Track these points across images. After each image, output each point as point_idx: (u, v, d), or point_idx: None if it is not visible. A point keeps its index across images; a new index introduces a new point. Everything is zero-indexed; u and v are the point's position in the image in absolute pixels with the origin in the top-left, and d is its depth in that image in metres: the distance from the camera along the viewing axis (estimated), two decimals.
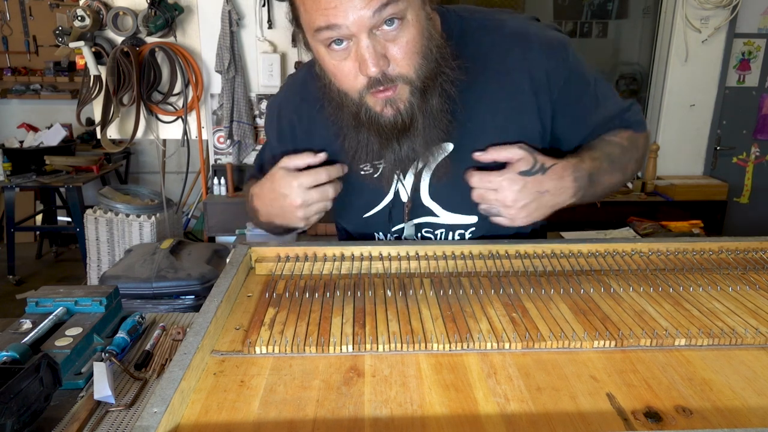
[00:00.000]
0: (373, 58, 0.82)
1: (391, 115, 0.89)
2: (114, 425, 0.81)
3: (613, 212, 3.16)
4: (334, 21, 0.80)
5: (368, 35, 0.81)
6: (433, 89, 0.90)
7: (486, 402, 0.65)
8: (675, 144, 3.41)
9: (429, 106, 0.91)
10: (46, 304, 1.04)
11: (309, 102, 1.06)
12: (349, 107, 0.91)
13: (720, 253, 1.04)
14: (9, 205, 3.72)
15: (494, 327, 0.80)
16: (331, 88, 0.92)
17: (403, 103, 0.89)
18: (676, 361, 0.73)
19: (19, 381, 0.74)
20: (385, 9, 0.80)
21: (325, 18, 0.80)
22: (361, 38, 0.81)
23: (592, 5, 3.57)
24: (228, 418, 0.62)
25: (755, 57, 3.31)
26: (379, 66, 0.83)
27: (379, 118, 0.90)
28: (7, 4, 4.83)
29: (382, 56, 0.83)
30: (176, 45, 2.99)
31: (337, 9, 0.79)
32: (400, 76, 0.86)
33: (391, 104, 0.88)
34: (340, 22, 0.80)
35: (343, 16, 0.79)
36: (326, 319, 0.82)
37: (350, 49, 0.84)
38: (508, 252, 1.01)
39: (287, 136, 1.11)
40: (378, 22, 0.81)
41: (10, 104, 4.93)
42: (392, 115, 0.89)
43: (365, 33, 0.81)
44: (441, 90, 0.92)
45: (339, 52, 0.85)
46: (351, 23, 0.80)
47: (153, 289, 2.05)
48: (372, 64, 0.82)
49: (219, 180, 3.11)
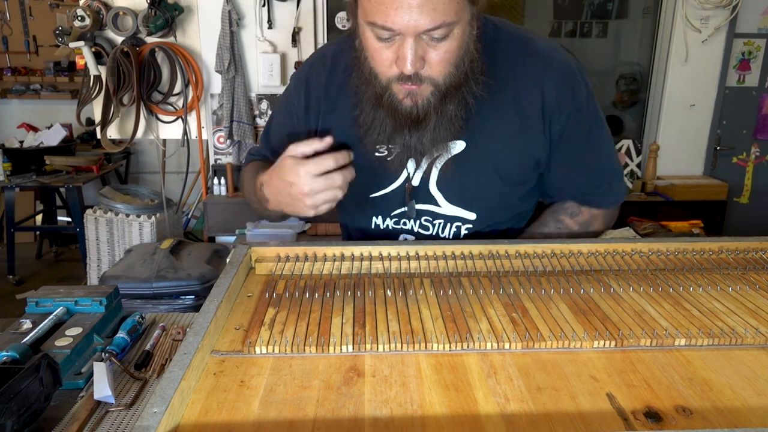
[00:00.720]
0: (413, 59, 0.88)
1: (409, 105, 0.95)
2: (114, 425, 0.81)
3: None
4: (391, 25, 0.85)
5: (415, 38, 0.87)
6: (454, 96, 0.96)
7: (486, 402, 0.65)
8: (675, 144, 3.41)
9: (445, 109, 0.97)
10: (46, 304, 1.04)
11: (336, 76, 1.10)
12: (375, 87, 0.96)
13: (720, 253, 1.04)
14: (9, 205, 3.72)
15: (494, 327, 0.80)
16: (364, 64, 0.97)
17: (423, 99, 0.94)
18: (676, 361, 0.73)
19: (19, 381, 0.74)
20: (440, 26, 0.86)
21: (383, 18, 0.85)
22: (408, 39, 0.87)
23: (592, 5, 3.57)
24: (228, 418, 0.62)
25: (755, 57, 3.31)
26: (416, 67, 0.89)
27: (398, 104, 0.95)
28: (7, 4, 4.83)
29: (420, 58, 0.89)
30: (176, 45, 2.99)
31: (397, 14, 0.84)
32: (429, 78, 0.92)
33: (412, 96, 0.94)
34: (396, 27, 0.85)
35: (400, 23, 0.85)
36: (326, 319, 0.82)
37: (394, 41, 0.89)
38: (508, 252, 1.01)
39: (313, 108, 1.13)
40: (428, 32, 0.86)
41: (10, 104, 4.93)
42: (410, 106, 0.95)
43: (413, 36, 0.86)
44: (461, 98, 0.97)
45: (383, 41, 0.89)
46: (405, 28, 0.85)
47: (153, 289, 2.05)
48: (410, 64, 0.88)
49: (219, 180, 3.11)
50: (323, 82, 1.11)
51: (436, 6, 0.84)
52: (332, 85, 1.10)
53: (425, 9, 0.83)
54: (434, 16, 0.84)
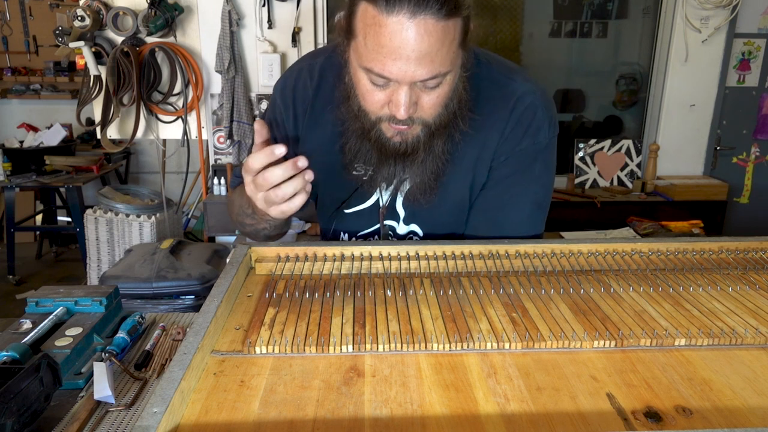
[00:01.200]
0: (407, 105, 0.89)
1: (398, 141, 0.97)
2: (114, 425, 0.81)
3: (613, 212, 3.17)
4: (387, 75, 0.86)
5: (409, 86, 0.88)
6: (442, 134, 0.98)
7: (486, 402, 0.65)
8: (675, 144, 3.41)
9: (433, 146, 0.99)
10: (46, 304, 1.03)
11: (324, 90, 1.09)
12: (363, 122, 0.97)
13: (720, 253, 1.04)
14: (9, 205, 3.72)
15: (494, 327, 0.80)
16: (353, 100, 0.97)
17: (412, 137, 0.96)
18: (676, 361, 0.73)
19: (19, 381, 0.74)
20: (436, 77, 0.87)
21: (380, 67, 0.86)
22: (403, 86, 0.88)
23: (592, 5, 3.57)
24: (228, 418, 0.62)
25: (755, 57, 3.31)
26: (409, 113, 0.90)
27: (387, 141, 0.97)
28: (7, 4, 4.83)
29: (414, 104, 0.90)
30: (176, 45, 2.99)
31: (395, 64, 0.84)
32: (420, 119, 0.94)
33: (401, 135, 0.96)
34: (393, 77, 0.86)
35: (397, 74, 0.86)
36: (326, 319, 0.82)
37: (389, 86, 0.89)
38: (508, 252, 1.01)
39: (299, 119, 1.13)
40: (423, 81, 0.88)
41: (10, 104, 4.92)
42: (399, 142, 0.97)
43: (408, 84, 0.88)
44: (448, 135, 1.00)
45: (377, 86, 0.90)
46: (401, 78, 0.86)
47: (153, 289, 2.05)
48: (404, 111, 0.89)
49: (219, 180, 3.11)
50: (310, 95, 1.11)
51: (434, 58, 0.85)
52: (318, 99, 1.10)
53: (423, 62, 0.84)
54: (431, 68, 0.85)
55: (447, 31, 0.84)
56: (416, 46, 0.82)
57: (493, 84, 1.05)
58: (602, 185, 3.37)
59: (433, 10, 0.81)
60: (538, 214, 1.10)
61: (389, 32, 0.82)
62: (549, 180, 1.11)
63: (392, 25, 0.82)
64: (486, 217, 1.09)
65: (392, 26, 0.82)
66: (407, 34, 0.82)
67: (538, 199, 1.09)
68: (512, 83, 1.05)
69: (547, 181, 1.11)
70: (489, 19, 3.59)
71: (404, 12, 0.81)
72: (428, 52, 0.83)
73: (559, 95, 3.76)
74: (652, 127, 3.47)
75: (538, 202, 1.10)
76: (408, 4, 0.80)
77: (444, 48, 0.85)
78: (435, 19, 0.81)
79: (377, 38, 0.84)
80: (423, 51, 0.83)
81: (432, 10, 0.81)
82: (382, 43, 0.83)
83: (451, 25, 0.84)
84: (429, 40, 0.82)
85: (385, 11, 0.81)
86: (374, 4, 0.83)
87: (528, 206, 1.09)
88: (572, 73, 3.77)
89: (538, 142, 1.05)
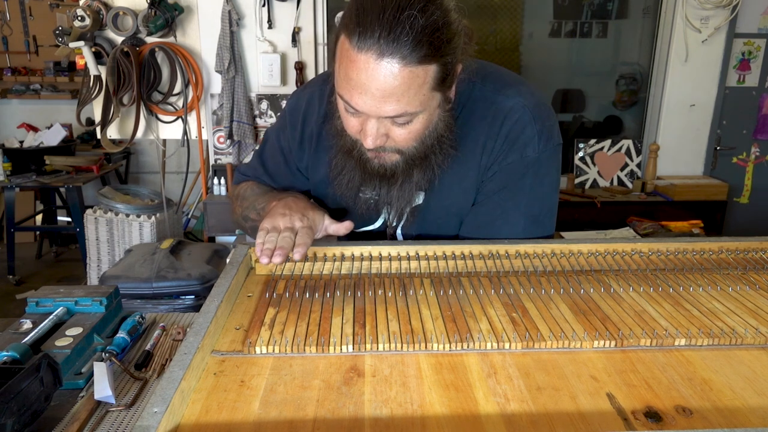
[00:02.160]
0: (374, 137, 0.91)
1: (377, 164, 1.00)
2: (114, 425, 0.81)
3: (613, 212, 3.17)
4: (354, 106, 0.89)
5: (377, 119, 0.90)
6: (420, 164, 1.00)
7: (486, 402, 0.65)
8: (675, 144, 3.41)
9: (411, 173, 1.01)
10: (47, 304, 1.04)
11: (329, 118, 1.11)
12: (345, 140, 1.00)
13: (720, 253, 1.04)
14: (9, 205, 3.72)
15: (494, 327, 0.80)
16: (337, 120, 1.01)
17: (390, 162, 0.99)
18: (676, 361, 0.73)
19: (19, 381, 0.74)
20: (403, 115, 0.89)
21: (349, 96, 0.88)
22: (371, 119, 0.90)
23: (592, 5, 3.57)
24: (228, 418, 0.62)
25: (755, 57, 3.31)
26: (377, 144, 0.93)
27: (367, 161, 1.00)
28: (7, 4, 4.83)
29: (383, 135, 0.93)
30: (176, 45, 2.99)
31: (361, 98, 0.87)
32: (393, 148, 0.96)
33: (379, 158, 0.99)
34: (359, 109, 0.89)
35: (363, 107, 0.88)
36: (326, 319, 0.82)
37: (361, 114, 0.91)
38: (508, 252, 1.01)
39: (306, 142, 1.16)
40: (390, 118, 0.90)
41: (10, 104, 4.92)
42: (378, 164, 1.00)
43: (375, 118, 0.90)
44: (427, 166, 1.02)
45: (350, 113, 0.93)
46: (368, 112, 0.89)
47: (153, 289, 2.05)
48: (371, 141, 0.92)
49: (219, 180, 3.11)
50: (319, 121, 1.13)
51: (399, 99, 0.86)
52: (326, 126, 1.12)
53: (388, 100, 0.86)
54: (396, 107, 0.87)
55: (415, 76, 0.84)
56: (380, 85, 0.84)
57: (484, 103, 1.05)
58: (602, 185, 3.37)
59: (401, 54, 0.82)
60: (534, 227, 1.09)
61: (357, 68, 0.84)
62: (545, 192, 1.08)
63: (361, 62, 0.84)
64: (478, 232, 1.09)
65: (361, 63, 0.84)
66: (373, 73, 0.84)
67: (532, 212, 1.08)
68: (503, 100, 1.04)
69: (543, 194, 1.08)
70: (489, 19, 3.60)
71: (372, 51, 0.82)
72: (393, 93, 0.85)
73: (559, 95, 3.76)
74: (652, 127, 3.47)
75: (532, 216, 1.08)
76: (376, 45, 0.82)
77: (411, 90, 0.86)
78: (402, 63, 0.83)
79: (347, 71, 0.86)
80: (387, 91, 0.85)
81: (400, 54, 0.82)
82: (351, 76, 0.86)
83: (422, 70, 0.84)
84: (393, 82, 0.84)
85: (356, 47, 0.84)
86: (349, 39, 0.85)
87: (521, 221, 1.07)
88: (572, 73, 3.77)
89: (527, 156, 1.04)
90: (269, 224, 0.96)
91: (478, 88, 1.05)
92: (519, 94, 1.05)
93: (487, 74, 1.07)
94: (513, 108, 1.03)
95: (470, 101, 1.05)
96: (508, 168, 1.05)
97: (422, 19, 0.81)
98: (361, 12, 0.83)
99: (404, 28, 0.81)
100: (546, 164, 1.06)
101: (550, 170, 1.07)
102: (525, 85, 1.08)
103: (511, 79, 1.09)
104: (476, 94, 1.05)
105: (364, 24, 0.82)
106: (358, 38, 0.83)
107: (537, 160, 1.04)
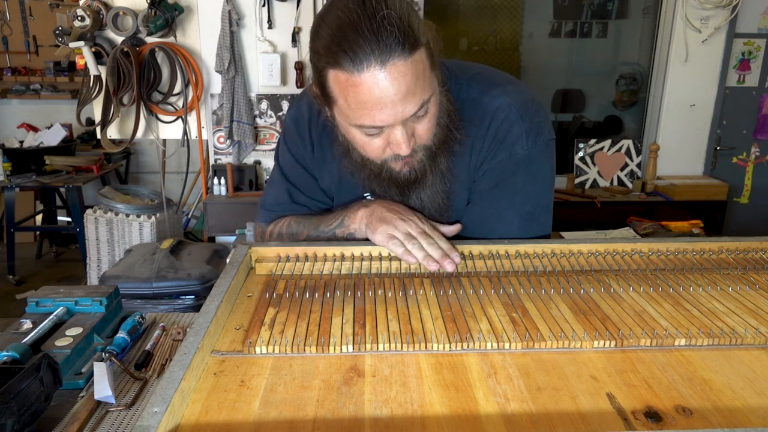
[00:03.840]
0: (406, 142, 0.92)
1: (407, 171, 1.01)
2: (114, 425, 0.81)
3: (613, 212, 3.17)
4: (380, 123, 0.90)
5: (402, 124, 0.91)
6: (443, 150, 1.02)
7: (486, 402, 0.65)
8: (675, 144, 3.41)
9: (438, 164, 1.03)
10: (47, 304, 1.04)
11: (327, 133, 1.12)
12: (371, 168, 1.01)
13: (720, 253, 1.04)
14: (9, 205, 3.72)
15: (494, 327, 0.80)
16: (354, 152, 1.01)
17: (418, 163, 1.00)
18: (676, 361, 0.73)
19: (19, 381, 0.74)
20: (422, 106, 0.90)
21: (371, 119, 0.89)
22: (397, 127, 0.91)
23: (592, 5, 3.57)
24: (228, 418, 0.62)
25: (755, 57, 3.31)
26: (411, 147, 0.94)
27: (397, 174, 1.01)
28: (7, 4, 4.83)
29: (411, 137, 0.94)
30: (176, 45, 2.99)
31: (383, 112, 0.87)
32: (421, 147, 0.97)
33: (408, 165, 1.00)
34: (385, 124, 0.90)
35: (388, 120, 0.88)
36: (326, 319, 0.82)
37: (383, 131, 0.92)
38: (508, 252, 1.01)
39: (316, 148, 1.16)
40: (413, 115, 0.90)
41: (10, 104, 4.92)
42: (408, 171, 1.01)
43: (401, 124, 0.91)
44: (448, 149, 1.03)
45: (372, 136, 0.93)
46: (393, 121, 0.89)
47: (153, 289, 2.05)
48: (406, 147, 0.93)
49: (219, 180, 3.11)
50: (321, 127, 1.13)
51: (415, 92, 0.87)
52: (326, 132, 1.13)
53: (408, 99, 0.87)
54: (415, 101, 0.88)
55: (416, 64, 0.86)
56: (397, 89, 0.85)
57: (472, 103, 1.06)
58: (602, 185, 3.37)
59: (397, 52, 0.83)
60: (529, 225, 1.09)
61: (367, 88, 0.85)
62: (538, 189, 1.08)
63: (367, 81, 0.84)
64: (473, 231, 1.09)
65: (368, 81, 0.84)
66: (384, 83, 0.85)
67: (526, 210, 1.08)
68: (489, 100, 1.05)
69: (536, 191, 1.08)
70: (489, 19, 3.60)
71: (374, 65, 0.83)
72: (408, 89, 0.86)
73: (559, 95, 3.76)
74: (652, 127, 3.47)
75: (527, 213, 1.08)
76: (375, 57, 0.83)
77: (420, 79, 0.87)
78: (402, 59, 0.84)
79: (358, 97, 0.86)
80: (404, 91, 0.86)
81: (397, 53, 0.83)
82: (364, 99, 0.86)
83: (418, 57, 0.86)
84: (405, 79, 0.85)
85: (355, 71, 0.84)
86: (342, 69, 0.85)
87: (515, 218, 1.08)
88: (572, 73, 3.77)
89: (515, 154, 1.04)
90: (398, 231, 0.98)
91: (464, 90, 1.06)
92: (505, 94, 1.05)
93: (473, 75, 1.07)
94: (499, 108, 1.04)
95: (458, 103, 1.05)
96: (498, 166, 1.05)
97: (394, 13, 0.83)
98: (337, 41, 0.84)
99: (386, 29, 0.82)
100: (537, 160, 1.06)
101: (543, 166, 1.07)
102: (512, 84, 1.08)
103: (497, 78, 1.09)
104: (463, 95, 1.06)
105: (351, 47, 0.83)
106: (352, 62, 0.84)
107: (527, 156, 1.04)
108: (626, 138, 3.44)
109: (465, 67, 1.08)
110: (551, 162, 1.09)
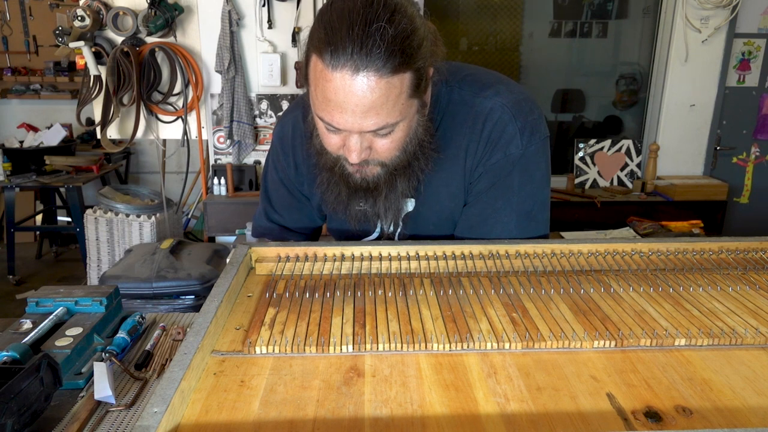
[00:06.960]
0: (358, 151, 0.91)
1: (359, 178, 1.00)
2: (114, 425, 0.81)
3: (613, 212, 3.17)
4: (336, 125, 0.89)
5: (359, 134, 0.90)
6: (402, 174, 1.01)
7: (486, 402, 0.65)
8: (675, 144, 3.41)
9: (394, 183, 1.02)
10: (47, 304, 1.04)
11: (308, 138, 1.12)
12: (327, 158, 1.01)
13: (720, 253, 1.04)
14: (9, 205, 3.71)
15: (494, 327, 0.80)
16: (316, 139, 1.01)
17: (372, 175, 0.99)
18: (676, 361, 0.73)
19: (19, 381, 0.74)
20: (384, 128, 0.89)
21: (329, 117, 0.88)
22: (353, 135, 0.90)
23: (592, 5, 3.57)
24: (228, 418, 0.62)
25: (755, 57, 3.31)
26: (361, 158, 0.93)
27: (349, 176, 1.00)
28: (7, 4, 4.83)
29: (366, 149, 0.93)
30: (176, 45, 2.99)
31: (342, 116, 0.87)
32: (376, 161, 0.96)
33: (361, 172, 0.99)
34: (340, 127, 0.89)
35: (344, 125, 0.88)
36: (326, 319, 0.82)
37: (341, 132, 0.91)
38: (508, 252, 1.01)
39: (302, 166, 1.18)
40: (371, 132, 0.90)
41: (10, 104, 4.92)
42: (360, 179, 1.00)
43: (358, 133, 0.90)
44: (410, 174, 1.02)
45: (331, 131, 0.93)
46: (349, 129, 0.89)
47: (153, 289, 2.05)
48: (355, 156, 0.92)
49: (219, 180, 3.11)
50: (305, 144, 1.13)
51: (379, 111, 0.86)
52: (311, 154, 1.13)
53: (368, 115, 0.86)
54: (377, 120, 0.87)
55: (392, 86, 0.85)
56: (359, 101, 0.84)
57: (464, 107, 1.05)
58: (602, 185, 3.37)
59: (376, 67, 0.82)
60: (527, 224, 1.09)
61: (334, 87, 0.84)
62: (535, 188, 1.08)
63: (337, 80, 0.84)
64: (471, 232, 1.09)
65: (337, 81, 0.84)
66: (350, 89, 0.84)
67: (524, 209, 1.08)
68: (481, 102, 1.04)
69: (533, 190, 1.08)
70: (489, 19, 3.60)
71: (347, 68, 0.82)
72: (372, 106, 0.85)
73: (559, 95, 3.76)
74: (652, 127, 3.47)
75: (525, 212, 1.08)
76: (351, 61, 0.82)
77: (390, 102, 0.86)
78: (378, 75, 0.83)
79: (324, 92, 0.86)
80: (366, 105, 0.85)
81: (374, 67, 0.82)
82: (328, 96, 0.86)
83: (397, 79, 0.85)
84: (372, 95, 0.84)
85: (330, 66, 0.83)
86: (321, 59, 0.85)
87: (513, 218, 1.07)
88: (572, 73, 3.77)
89: (511, 154, 1.04)
90: None
91: (456, 92, 1.05)
92: (497, 94, 1.05)
93: (464, 77, 1.07)
94: (492, 109, 1.04)
95: (450, 105, 1.05)
96: (493, 167, 1.05)
97: (391, 29, 0.81)
98: (330, 30, 0.83)
99: (375, 40, 0.81)
100: (533, 159, 1.05)
101: (539, 165, 1.07)
102: (504, 84, 1.08)
103: (489, 79, 1.08)
104: (455, 98, 1.05)
105: (335, 42, 0.82)
106: (331, 57, 0.83)
107: (523, 156, 1.04)
108: (626, 138, 3.44)
109: (456, 69, 1.08)
110: (546, 159, 1.09)
